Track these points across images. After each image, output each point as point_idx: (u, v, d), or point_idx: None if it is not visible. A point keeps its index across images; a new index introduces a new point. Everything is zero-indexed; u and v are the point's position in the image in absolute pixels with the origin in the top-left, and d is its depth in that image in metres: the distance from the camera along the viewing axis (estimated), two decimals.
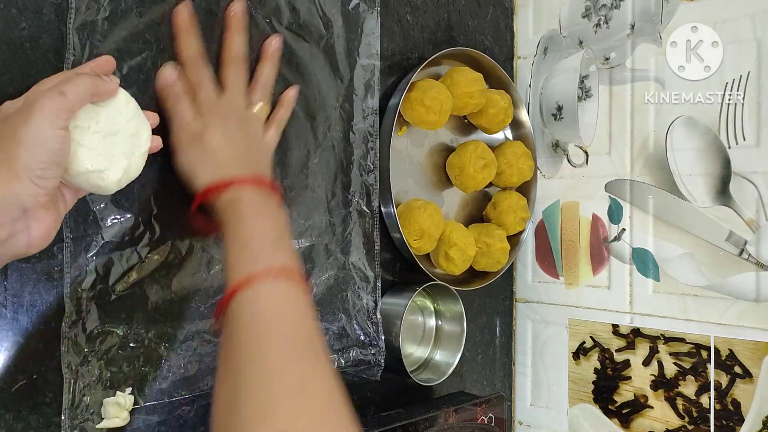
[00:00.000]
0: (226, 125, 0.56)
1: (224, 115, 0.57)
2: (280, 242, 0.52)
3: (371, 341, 0.74)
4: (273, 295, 0.48)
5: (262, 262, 0.49)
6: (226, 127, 0.56)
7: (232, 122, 0.57)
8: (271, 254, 0.50)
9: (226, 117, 0.57)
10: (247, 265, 0.49)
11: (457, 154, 0.86)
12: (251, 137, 0.58)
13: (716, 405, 0.79)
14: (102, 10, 0.54)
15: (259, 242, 0.51)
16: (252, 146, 0.58)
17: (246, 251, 0.50)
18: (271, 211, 0.54)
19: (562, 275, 0.95)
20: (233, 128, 0.57)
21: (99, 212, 0.54)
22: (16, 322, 0.51)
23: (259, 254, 0.50)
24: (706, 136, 0.82)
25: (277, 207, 0.55)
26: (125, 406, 0.54)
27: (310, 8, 0.70)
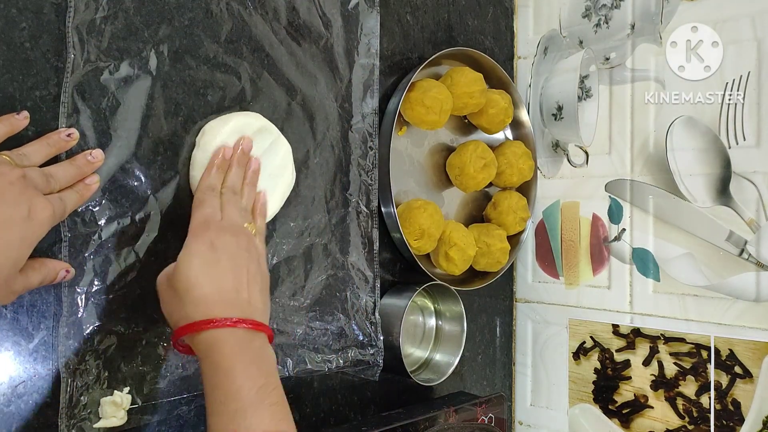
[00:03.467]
0: (214, 254, 0.51)
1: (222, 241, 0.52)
2: (264, 395, 0.47)
3: (370, 341, 0.74)
4: None
5: (244, 427, 0.45)
6: (212, 257, 0.51)
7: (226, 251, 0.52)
8: (253, 416, 0.46)
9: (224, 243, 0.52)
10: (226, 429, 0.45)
11: (457, 154, 0.86)
12: (240, 269, 0.52)
13: (716, 405, 0.79)
14: (100, 9, 0.54)
15: (240, 399, 0.46)
16: (240, 279, 0.52)
17: (225, 412, 0.46)
18: (254, 356, 0.49)
19: (562, 275, 0.95)
20: (224, 259, 0.51)
21: (97, 212, 0.54)
22: (16, 322, 0.51)
23: (240, 416, 0.45)
24: (706, 136, 0.82)
25: (262, 348, 0.50)
26: (122, 406, 0.54)
27: (309, 8, 0.70)
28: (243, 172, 0.60)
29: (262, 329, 0.51)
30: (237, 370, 0.47)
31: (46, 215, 0.45)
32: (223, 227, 0.53)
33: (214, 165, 0.59)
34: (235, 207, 0.56)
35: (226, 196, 0.57)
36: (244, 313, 0.50)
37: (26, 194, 0.45)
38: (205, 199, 0.56)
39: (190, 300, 0.49)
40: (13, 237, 0.44)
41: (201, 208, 0.55)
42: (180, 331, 0.49)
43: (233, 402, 0.46)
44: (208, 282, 0.50)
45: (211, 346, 0.48)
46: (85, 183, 0.51)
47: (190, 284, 0.49)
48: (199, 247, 0.51)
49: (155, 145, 0.58)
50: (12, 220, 0.44)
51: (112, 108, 0.55)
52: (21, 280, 0.46)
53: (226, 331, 0.48)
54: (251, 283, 0.52)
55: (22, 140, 0.50)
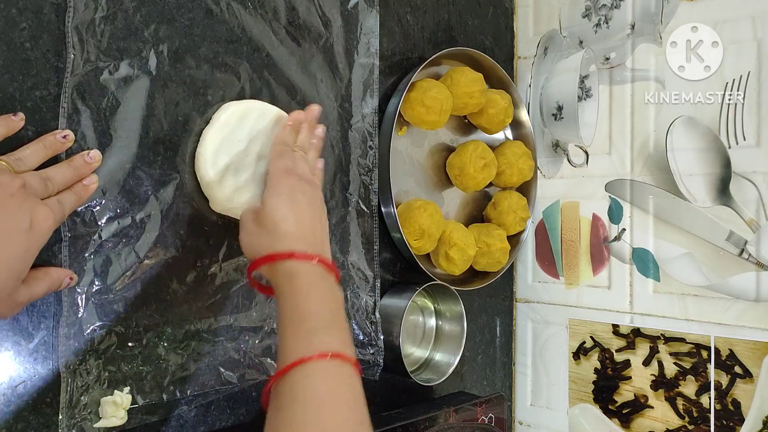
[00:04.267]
0: (296, 197, 0.56)
1: (302, 188, 0.57)
2: (335, 323, 0.51)
3: (370, 341, 0.74)
4: (327, 377, 0.47)
5: (316, 344, 0.48)
6: (295, 199, 0.55)
7: (305, 197, 0.56)
8: (325, 336, 0.49)
9: (303, 191, 0.57)
10: (300, 344, 0.48)
11: (457, 154, 0.86)
12: (317, 214, 0.57)
13: (716, 405, 0.79)
14: (100, 9, 0.54)
15: (313, 321, 0.50)
16: (316, 224, 0.56)
17: (300, 329, 0.49)
18: (328, 289, 0.53)
19: (562, 275, 0.95)
20: (304, 203, 0.56)
21: (97, 212, 0.54)
22: (16, 322, 0.51)
23: (314, 334, 0.49)
24: (706, 136, 0.82)
25: (333, 285, 0.54)
26: (122, 405, 0.54)
27: (309, 8, 0.70)
28: (310, 137, 0.65)
29: (334, 270, 0.55)
30: (313, 297, 0.51)
31: (48, 224, 0.46)
32: (302, 177, 0.58)
33: (289, 124, 0.63)
34: (306, 164, 0.61)
35: (297, 154, 0.61)
36: (320, 252, 0.54)
37: (27, 204, 0.45)
38: (284, 152, 0.60)
39: (276, 233, 0.53)
40: (16, 249, 0.44)
41: (281, 158, 0.59)
42: (264, 259, 0.53)
43: (309, 322, 0.49)
44: (294, 220, 0.54)
45: (292, 274, 0.52)
46: (84, 184, 0.52)
47: (278, 218, 0.54)
48: (284, 189, 0.56)
49: (155, 145, 0.58)
50: (15, 232, 0.44)
51: (112, 108, 0.55)
52: (25, 291, 0.46)
53: (306, 264, 0.52)
54: (324, 230, 0.58)
55: (23, 140, 0.50)
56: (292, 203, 0.55)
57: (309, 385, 0.47)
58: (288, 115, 0.64)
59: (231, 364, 0.63)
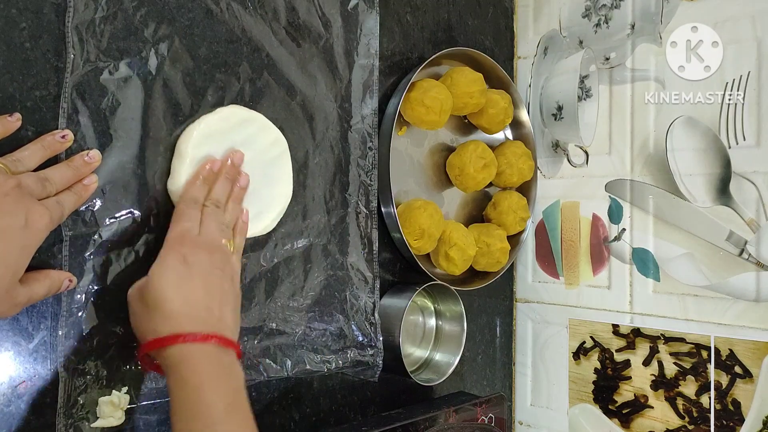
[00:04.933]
0: (187, 270, 0.51)
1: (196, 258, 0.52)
2: (233, 413, 0.47)
3: (369, 342, 0.74)
4: None
5: None
6: (185, 272, 0.50)
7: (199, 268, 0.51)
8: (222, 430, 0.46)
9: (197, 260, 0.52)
10: None
11: (457, 154, 0.86)
12: (213, 286, 0.52)
13: (716, 405, 0.79)
14: (100, 9, 0.54)
15: (209, 416, 0.46)
16: (212, 297, 0.51)
17: (193, 426, 0.46)
18: (223, 373, 0.48)
19: (562, 275, 0.95)
20: (196, 275, 0.51)
21: (97, 212, 0.54)
22: (16, 322, 0.51)
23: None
24: (706, 136, 0.82)
25: (231, 365, 0.50)
26: (120, 406, 0.54)
27: (309, 8, 0.70)
28: (230, 186, 0.59)
29: (231, 346, 0.50)
30: (206, 386, 0.47)
31: (43, 223, 0.46)
32: (198, 243, 0.53)
33: (200, 176, 0.57)
34: (215, 222, 0.55)
35: (208, 210, 0.55)
36: (214, 329, 0.50)
37: (22, 203, 0.45)
38: (185, 212, 0.54)
39: (160, 314, 0.49)
40: (11, 247, 0.44)
41: (179, 221, 0.54)
42: (148, 345, 0.49)
43: (202, 419, 0.46)
44: (179, 297, 0.49)
45: (180, 362, 0.47)
46: (83, 184, 0.51)
47: (160, 298, 0.49)
48: (172, 261, 0.51)
49: (155, 145, 0.58)
50: (10, 231, 0.44)
51: (112, 108, 0.55)
52: (24, 292, 0.46)
53: (195, 347, 0.48)
54: (223, 301, 0.52)
55: (22, 141, 0.50)
56: (180, 278, 0.50)
57: None
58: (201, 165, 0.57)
59: None
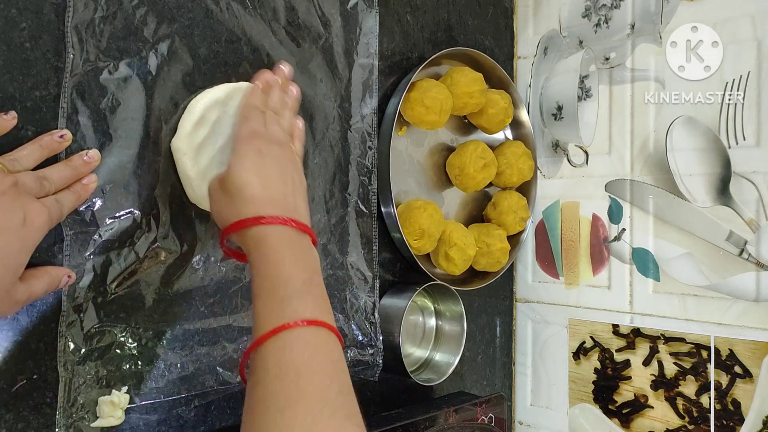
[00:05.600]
0: (262, 160, 0.53)
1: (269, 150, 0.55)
2: (310, 287, 0.49)
3: (369, 342, 0.74)
4: (302, 345, 0.45)
5: (290, 311, 0.46)
6: (261, 162, 0.53)
7: (273, 159, 0.54)
8: (298, 303, 0.47)
9: (270, 152, 0.55)
10: (273, 313, 0.46)
11: (457, 154, 0.86)
12: (288, 175, 0.55)
13: (716, 405, 0.79)
14: (99, 8, 0.54)
15: (286, 288, 0.48)
16: (287, 185, 0.54)
17: (272, 297, 0.47)
18: (301, 253, 0.50)
19: (562, 275, 0.95)
20: (271, 165, 0.54)
21: (97, 211, 0.54)
22: (16, 322, 0.51)
23: (287, 302, 0.47)
24: (706, 136, 0.82)
25: (307, 248, 0.52)
26: (120, 405, 0.54)
27: (308, 8, 0.70)
28: (284, 96, 0.62)
29: (307, 231, 0.52)
30: (286, 262, 0.49)
31: (41, 220, 0.46)
32: (270, 138, 0.55)
33: (258, 86, 0.60)
34: (277, 125, 0.58)
35: (268, 115, 0.58)
36: (292, 214, 0.52)
37: (19, 201, 0.45)
38: (250, 115, 0.57)
39: (242, 199, 0.51)
40: (10, 245, 0.44)
41: (247, 122, 0.56)
42: (232, 227, 0.51)
43: (282, 289, 0.47)
44: (259, 183, 0.52)
45: (262, 240, 0.50)
46: (83, 183, 0.52)
47: (242, 184, 0.51)
48: (249, 152, 0.53)
49: (155, 145, 0.58)
50: (7, 229, 0.44)
51: (112, 108, 0.55)
52: (24, 290, 0.46)
53: (276, 228, 0.50)
54: (296, 190, 0.55)
55: (22, 141, 0.50)
56: (257, 166, 0.52)
57: (283, 356, 0.44)
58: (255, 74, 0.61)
59: (230, 364, 0.63)
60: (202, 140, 0.59)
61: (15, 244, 0.44)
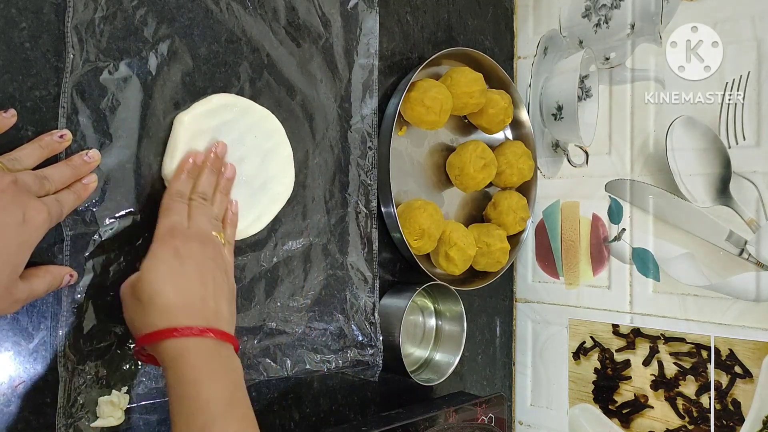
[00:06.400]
0: (179, 262, 0.50)
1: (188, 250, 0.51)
2: (233, 408, 0.46)
3: (369, 342, 0.74)
4: None
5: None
6: (177, 265, 0.50)
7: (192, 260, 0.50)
8: (222, 426, 0.45)
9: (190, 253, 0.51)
10: None
11: (457, 154, 0.86)
12: (207, 278, 0.51)
13: (716, 405, 0.79)
14: (99, 8, 0.54)
15: (207, 413, 0.45)
16: (207, 290, 0.50)
17: (192, 425, 0.45)
18: (222, 367, 0.47)
19: (562, 275, 0.95)
20: (190, 267, 0.50)
21: (97, 212, 0.54)
22: (16, 322, 0.51)
23: (209, 427, 0.44)
24: (706, 136, 0.82)
25: (229, 359, 0.49)
26: (120, 405, 0.54)
27: (308, 8, 0.70)
28: (215, 178, 0.58)
29: (228, 339, 0.50)
30: (204, 381, 0.46)
31: (41, 218, 0.45)
32: (189, 235, 0.52)
33: (184, 170, 0.56)
34: (203, 215, 0.54)
35: (195, 203, 0.55)
36: (210, 322, 0.49)
37: (19, 199, 0.44)
38: (172, 206, 0.54)
39: (154, 308, 0.48)
40: (9, 243, 0.44)
41: (167, 215, 0.53)
42: (144, 339, 0.48)
43: (201, 414, 0.45)
44: (173, 290, 0.48)
45: (177, 356, 0.47)
46: (83, 183, 0.51)
47: (154, 292, 0.48)
48: (164, 254, 0.50)
49: (155, 145, 0.58)
50: (7, 227, 0.43)
51: (112, 108, 0.55)
52: (24, 288, 0.46)
53: (191, 341, 0.47)
54: (218, 292, 0.51)
55: (22, 141, 0.50)
56: (172, 271, 0.49)
57: None
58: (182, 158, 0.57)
59: None
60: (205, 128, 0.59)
61: (14, 241, 0.44)
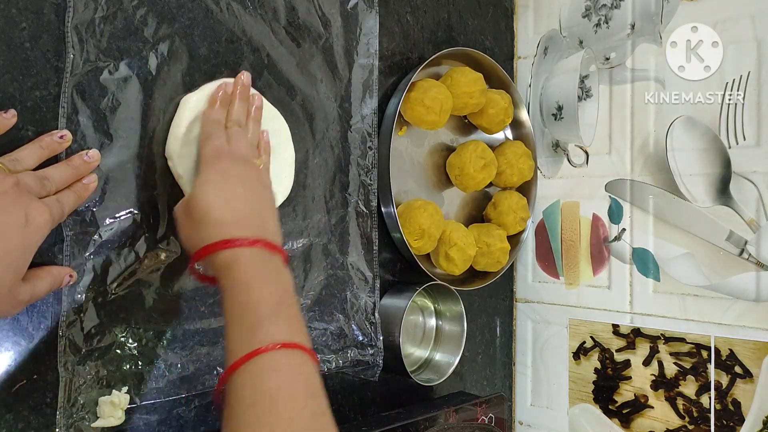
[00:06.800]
0: (227, 180, 0.52)
1: (235, 170, 0.54)
2: (282, 309, 0.48)
3: (369, 342, 0.74)
4: (276, 370, 0.44)
5: (262, 335, 0.45)
6: (226, 183, 0.52)
7: (239, 178, 0.53)
8: (271, 326, 0.46)
9: (237, 172, 0.53)
10: (245, 339, 0.46)
11: (457, 154, 0.86)
12: (255, 194, 0.53)
13: (716, 405, 0.79)
14: (100, 8, 0.54)
15: (257, 312, 0.47)
16: (255, 205, 0.53)
17: (243, 323, 0.46)
18: (272, 273, 0.50)
19: (562, 275, 0.95)
20: (237, 185, 0.53)
21: (97, 211, 0.54)
22: (16, 322, 0.51)
23: (258, 327, 0.46)
24: (706, 136, 0.82)
25: (279, 268, 0.51)
26: (120, 405, 0.54)
27: (308, 8, 0.70)
28: (246, 107, 0.60)
29: (277, 251, 0.51)
30: (255, 284, 0.48)
31: (43, 220, 0.46)
32: (233, 157, 0.54)
33: (217, 99, 0.58)
34: (242, 139, 0.57)
35: (232, 130, 0.57)
36: (259, 234, 0.51)
37: (21, 201, 0.45)
38: (213, 132, 0.56)
39: (208, 223, 0.50)
40: (12, 245, 0.44)
41: (210, 140, 0.55)
42: (200, 252, 0.50)
43: (252, 314, 0.47)
44: (225, 205, 0.51)
45: (231, 264, 0.48)
46: (83, 183, 0.52)
47: (207, 208, 0.50)
48: (213, 174, 0.52)
49: (155, 145, 0.58)
50: (9, 228, 0.44)
51: (112, 108, 0.55)
52: (27, 290, 0.46)
53: (244, 250, 0.49)
54: (265, 207, 0.54)
55: (22, 141, 0.50)
56: (223, 188, 0.52)
57: (257, 382, 0.44)
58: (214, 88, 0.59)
59: None
60: (192, 139, 0.59)
61: (17, 243, 0.44)
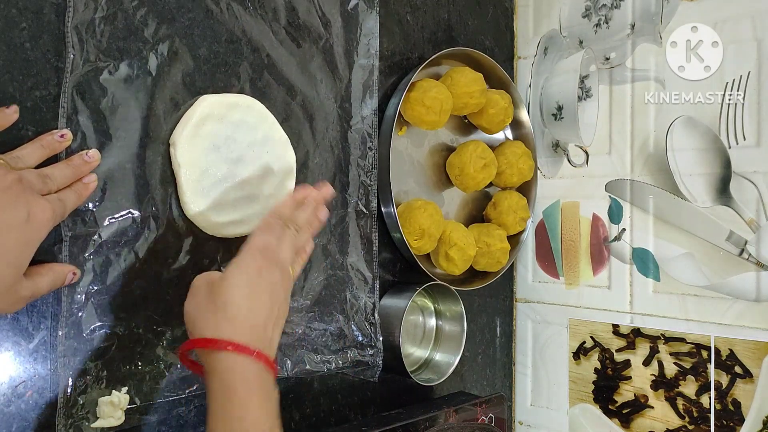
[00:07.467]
0: (259, 282, 0.51)
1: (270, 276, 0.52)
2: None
3: (369, 342, 0.74)
4: None
5: None
6: (257, 284, 0.51)
7: (270, 286, 0.52)
8: None
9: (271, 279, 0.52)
10: None
11: (457, 154, 0.86)
12: (274, 308, 0.52)
13: (716, 405, 0.79)
14: (100, 9, 0.54)
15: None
16: (270, 318, 0.51)
17: None
18: (265, 394, 0.48)
19: (562, 275, 0.95)
20: (265, 291, 0.51)
21: (97, 212, 0.54)
22: (16, 322, 0.51)
23: None
24: (706, 136, 0.82)
25: (271, 388, 0.49)
26: (120, 406, 0.54)
27: (309, 8, 0.70)
28: (311, 216, 0.59)
29: (273, 369, 0.50)
30: (253, 405, 0.47)
31: (46, 216, 0.46)
32: (276, 261, 0.53)
33: (295, 199, 0.59)
34: (292, 245, 0.56)
35: (287, 231, 0.56)
36: (265, 349, 0.49)
37: (24, 197, 0.45)
38: (272, 227, 0.55)
39: (223, 315, 0.48)
40: (13, 241, 0.44)
41: (266, 232, 0.54)
42: (202, 341, 0.48)
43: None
44: (247, 306, 0.49)
45: (229, 369, 0.47)
46: (83, 182, 0.52)
47: (230, 300, 0.49)
48: (250, 269, 0.51)
49: (155, 145, 0.58)
50: (11, 224, 0.43)
51: (112, 108, 0.55)
52: (28, 286, 0.46)
53: (247, 360, 0.47)
54: (278, 322, 0.52)
55: (22, 140, 0.50)
56: (252, 289, 0.50)
57: None
58: (296, 188, 0.60)
59: None
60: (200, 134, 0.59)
61: (19, 239, 0.44)
